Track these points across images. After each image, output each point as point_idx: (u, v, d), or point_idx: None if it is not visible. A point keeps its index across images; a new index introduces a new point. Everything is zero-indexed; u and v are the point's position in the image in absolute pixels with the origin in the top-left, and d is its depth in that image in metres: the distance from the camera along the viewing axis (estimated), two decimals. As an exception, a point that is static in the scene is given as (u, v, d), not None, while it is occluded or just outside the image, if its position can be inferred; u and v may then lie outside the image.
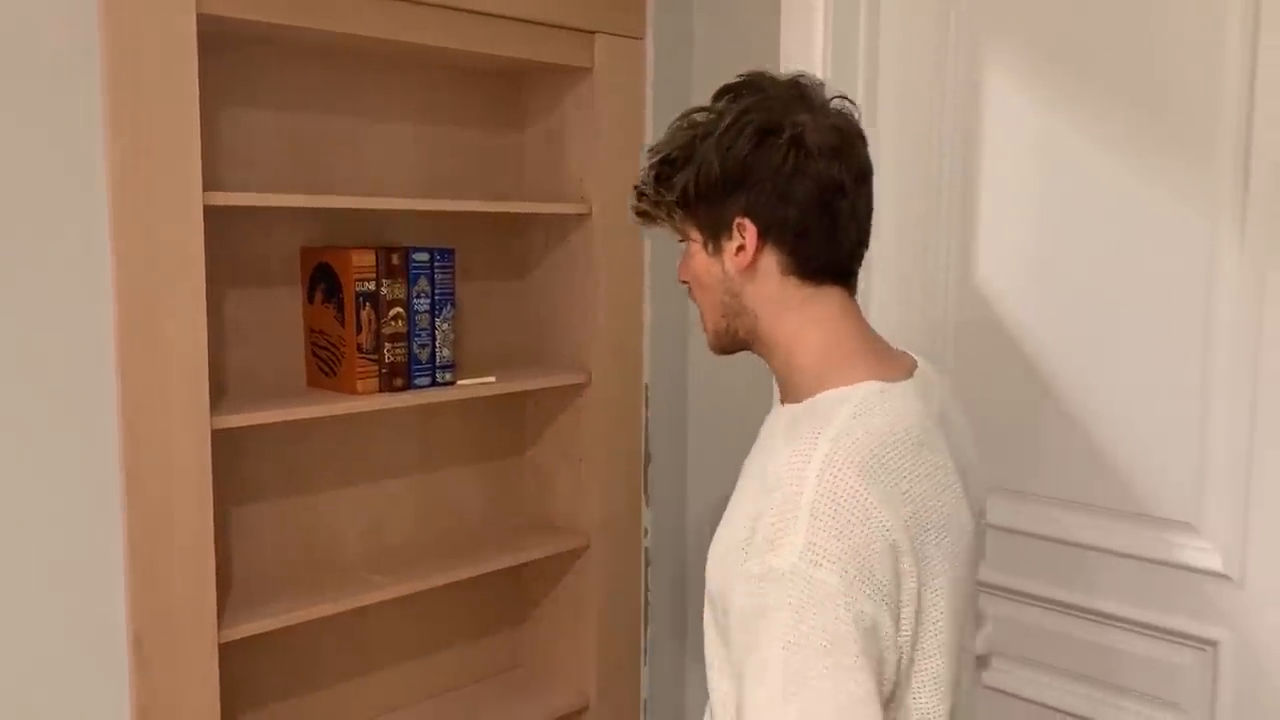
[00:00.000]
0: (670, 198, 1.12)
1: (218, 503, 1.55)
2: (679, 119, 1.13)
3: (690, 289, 1.18)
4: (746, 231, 1.09)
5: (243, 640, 1.60)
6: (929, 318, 1.88)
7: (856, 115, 1.14)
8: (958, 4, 1.83)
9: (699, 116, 1.12)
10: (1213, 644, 1.61)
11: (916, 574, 0.98)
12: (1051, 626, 1.77)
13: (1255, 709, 1.57)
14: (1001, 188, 1.80)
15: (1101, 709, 1.73)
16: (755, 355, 1.18)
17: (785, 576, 0.93)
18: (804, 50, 1.88)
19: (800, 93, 1.11)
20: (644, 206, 1.16)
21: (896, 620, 0.97)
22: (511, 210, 1.93)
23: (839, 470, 0.96)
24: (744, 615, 0.96)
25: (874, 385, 1.06)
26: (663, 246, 2.13)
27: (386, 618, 1.96)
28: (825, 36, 1.89)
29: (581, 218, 1.99)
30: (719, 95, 1.13)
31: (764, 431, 1.14)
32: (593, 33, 1.93)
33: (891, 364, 1.12)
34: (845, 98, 1.13)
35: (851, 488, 0.95)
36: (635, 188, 1.16)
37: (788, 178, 1.07)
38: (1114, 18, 1.65)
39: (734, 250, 1.10)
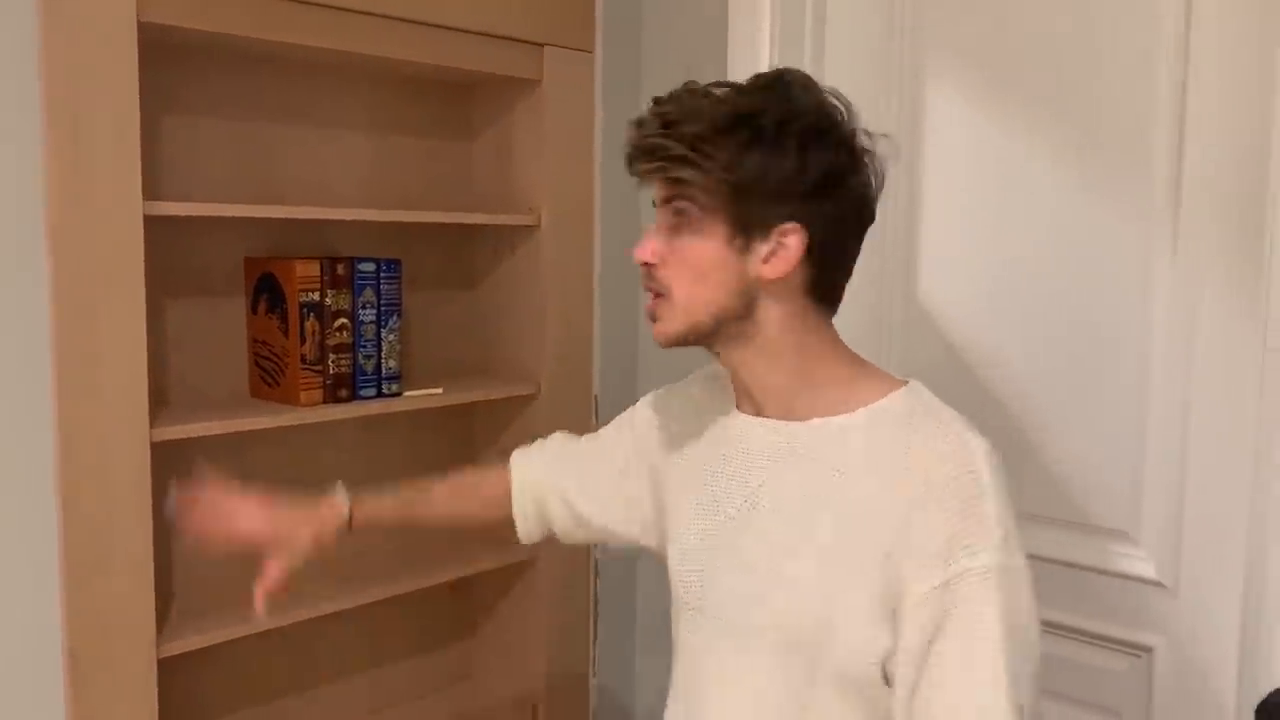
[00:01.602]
0: (732, 175, 0.98)
1: (157, 515, 1.53)
2: (705, 90, 1.01)
3: (658, 270, 1.04)
4: (792, 240, 1.00)
5: (183, 655, 1.58)
6: (875, 330, 1.90)
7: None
8: (902, 23, 1.86)
9: (736, 92, 1.01)
10: (1148, 650, 1.64)
11: None
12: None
13: (1189, 713, 1.60)
14: (944, 202, 1.83)
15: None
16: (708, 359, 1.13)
17: (991, 573, 0.93)
18: (751, 67, 1.90)
19: (848, 108, 1.05)
20: (680, 170, 0.99)
21: None
22: (460, 221, 1.93)
23: (994, 458, 0.99)
24: (922, 632, 0.95)
25: (917, 383, 1.08)
26: (613, 256, 2.14)
27: (333, 631, 1.94)
28: (771, 53, 1.91)
29: (530, 229, 1.99)
30: (769, 87, 1.02)
31: (766, 448, 1.08)
32: (542, 45, 1.94)
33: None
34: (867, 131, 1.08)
35: (1003, 472, 0.99)
36: (659, 146, 0.99)
37: (858, 204, 1.03)
38: (1053, 36, 1.68)
39: (765, 255, 1.01)
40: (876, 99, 1.88)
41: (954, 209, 1.82)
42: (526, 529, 1.38)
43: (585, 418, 2.09)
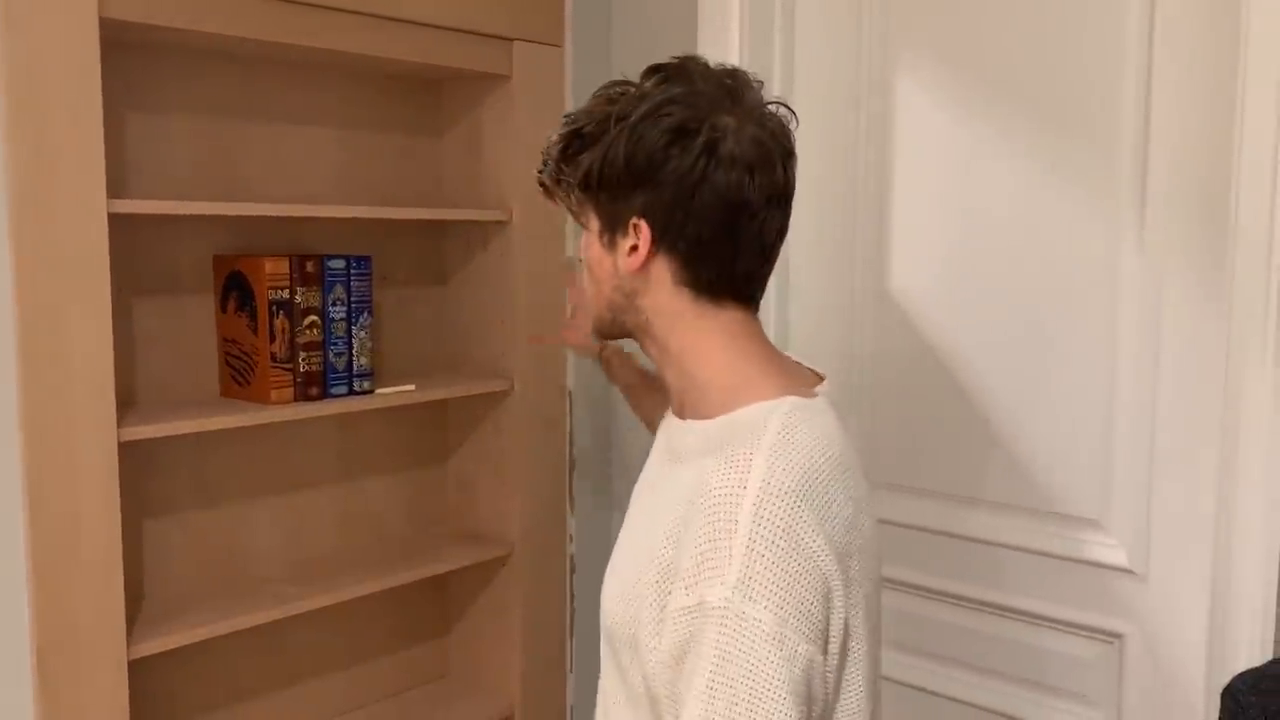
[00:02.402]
0: (572, 178, 1.03)
1: (129, 516, 1.52)
2: (603, 88, 1.04)
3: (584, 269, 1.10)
4: (640, 233, 1.00)
5: (155, 657, 1.57)
6: (846, 324, 1.91)
7: (791, 125, 1.04)
8: (871, 20, 1.87)
9: (618, 91, 1.02)
10: (1118, 637, 1.66)
11: (845, 605, 0.93)
12: (961, 622, 1.81)
13: (1158, 698, 1.62)
14: (914, 197, 1.84)
15: (1010, 702, 1.77)
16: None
17: (716, 611, 0.86)
18: (720, 61, 1.90)
19: (731, 92, 1.00)
20: (544, 179, 1.07)
21: (825, 655, 0.92)
22: (430, 217, 1.92)
23: (776, 496, 0.90)
24: (669, 652, 0.91)
25: (794, 400, 0.99)
26: (584, 253, 2.14)
27: (307, 630, 1.94)
28: (742, 47, 1.92)
29: (501, 224, 1.98)
30: (648, 74, 1.03)
31: (664, 448, 1.09)
32: (511, 40, 1.93)
33: (800, 379, 1.06)
34: (783, 103, 1.04)
35: (788, 516, 0.90)
36: (541, 154, 1.07)
37: (693, 186, 0.97)
38: (1020, 32, 1.69)
39: (627, 249, 1.02)
40: (846, 94, 1.89)
41: (923, 202, 1.83)
42: None
43: (559, 414, 2.09)
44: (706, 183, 0.97)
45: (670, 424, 1.09)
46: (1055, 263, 1.69)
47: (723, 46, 1.91)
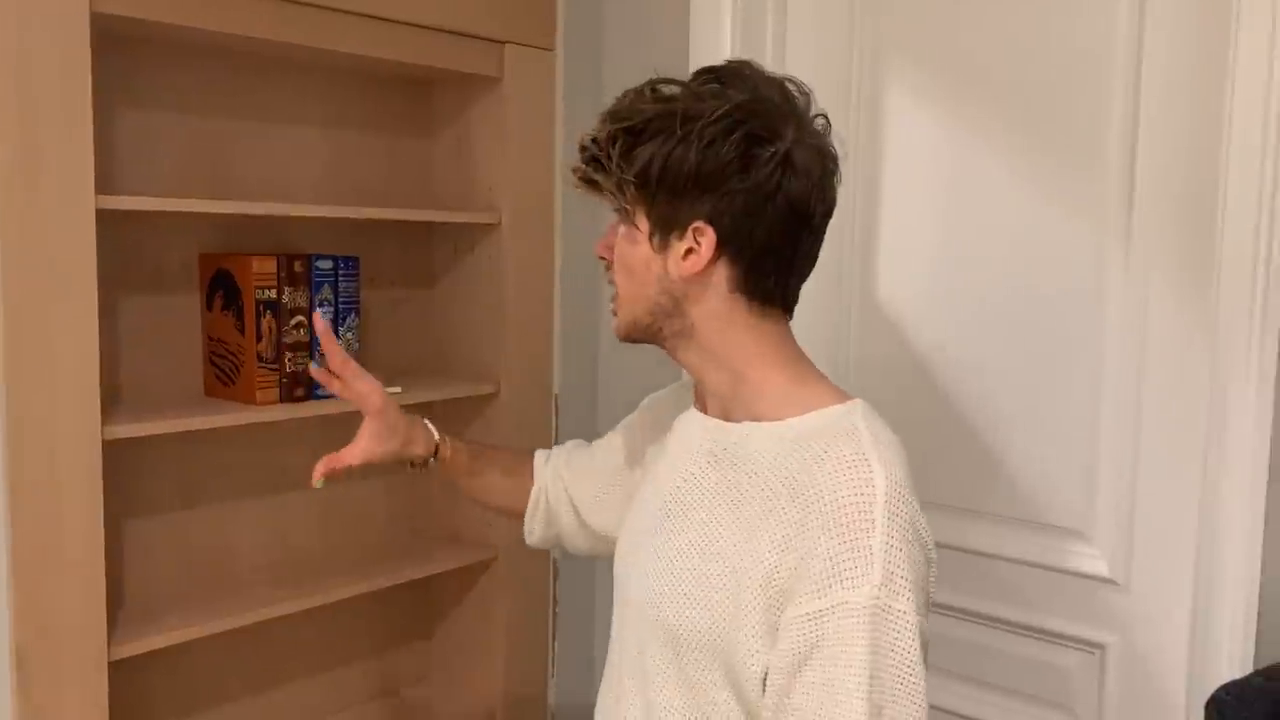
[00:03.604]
0: (629, 173, 1.01)
1: (111, 516, 1.50)
2: (643, 87, 1.02)
3: (611, 268, 1.09)
4: (704, 238, 1.01)
5: (136, 658, 1.55)
6: (833, 330, 1.92)
7: (836, 140, 1.06)
8: (861, 31, 1.88)
9: (670, 90, 1.01)
10: (1100, 647, 1.67)
11: (935, 579, 1.00)
12: (946, 631, 1.81)
13: (1140, 708, 1.63)
14: (902, 203, 1.85)
15: (993, 712, 1.77)
16: (669, 360, 1.12)
17: (864, 610, 0.90)
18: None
19: (791, 103, 1.03)
20: (593, 173, 1.04)
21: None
22: (419, 218, 1.92)
23: (900, 494, 0.94)
24: (790, 659, 0.92)
25: (861, 402, 1.03)
26: (573, 255, 2.14)
27: (290, 632, 1.92)
28: (733, 54, 1.92)
29: (490, 227, 1.98)
30: (699, 76, 1.03)
31: (701, 450, 1.08)
32: (503, 43, 1.93)
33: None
34: (825, 116, 1.06)
35: (910, 510, 0.95)
36: (585, 148, 1.04)
37: (766, 196, 0.99)
38: (1009, 40, 1.70)
39: (683, 252, 1.02)
40: (836, 102, 1.89)
41: (912, 210, 1.84)
42: (531, 528, 1.41)
43: (545, 418, 2.09)
44: (780, 193, 0.99)
45: (709, 426, 1.09)
46: (1042, 273, 1.70)
47: (714, 54, 1.91)
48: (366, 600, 1.93)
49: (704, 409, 1.12)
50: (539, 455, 1.43)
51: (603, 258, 1.10)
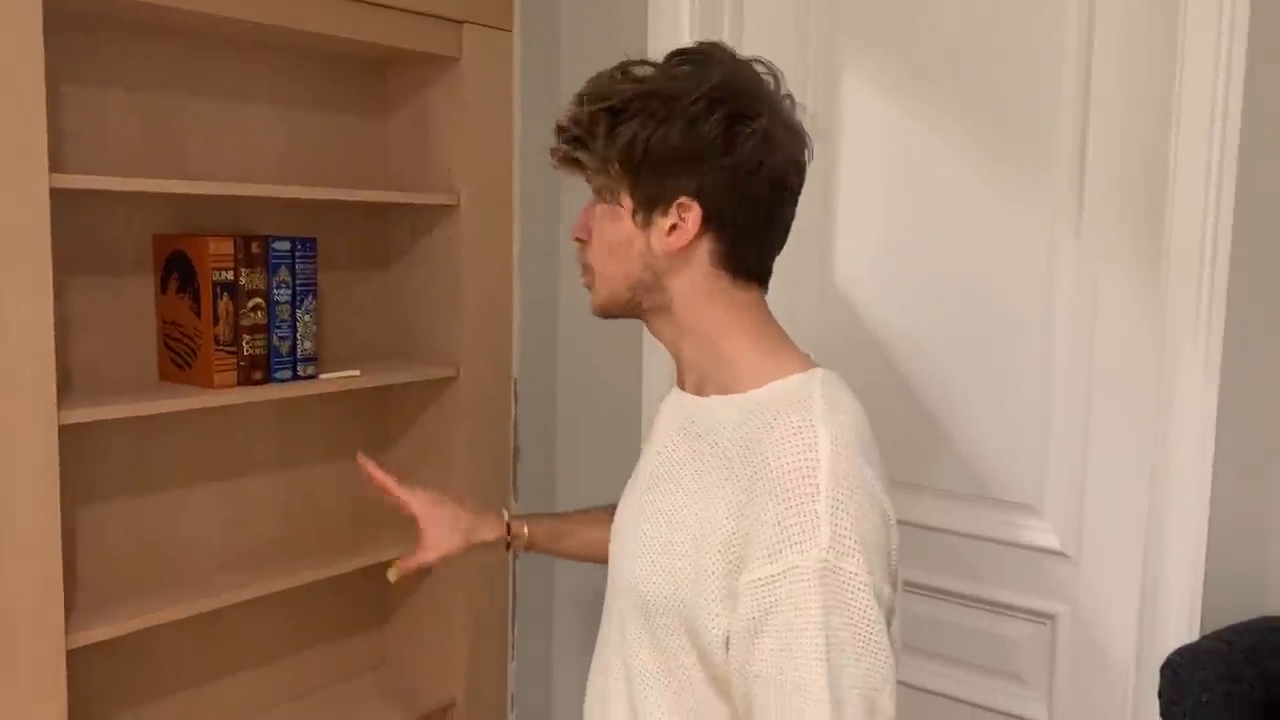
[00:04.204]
0: (613, 151, 1.03)
1: (65, 502, 1.47)
2: (616, 70, 1.05)
3: (585, 248, 1.10)
4: (689, 214, 1.03)
5: (92, 646, 1.53)
6: (790, 313, 1.94)
7: (807, 118, 1.09)
8: (817, 15, 1.90)
9: (644, 71, 1.04)
10: (1051, 617, 1.72)
11: (898, 548, 1.01)
12: (900, 606, 1.86)
13: (1089, 676, 1.69)
14: (858, 188, 1.88)
15: (946, 683, 1.82)
16: (643, 340, 1.16)
17: (812, 572, 0.91)
18: (671, 47, 1.91)
19: (763, 83, 1.06)
20: (575, 152, 1.06)
21: (894, 591, 1.00)
22: (379, 199, 1.90)
23: (845, 457, 0.95)
24: (747, 623, 0.94)
25: (824, 371, 1.06)
26: (532, 237, 2.13)
27: (246, 619, 1.90)
28: (691, 37, 1.93)
29: (448, 209, 1.97)
30: (673, 58, 1.05)
31: (678, 426, 1.10)
32: (460, 22, 1.91)
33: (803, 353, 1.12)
34: (792, 97, 1.08)
35: (859, 471, 0.96)
36: (564, 128, 1.06)
37: (748, 172, 1.02)
38: (963, 32, 1.74)
39: (667, 229, 1.04)
40: (793, 86, 1.90)
41: (868, 195, 1.87)
42: None
43: (505, 401, 2.09)
44: (763, 168, 1.03)
45: (684, 401, 1.11)
46: (995, 256, 1.74)
47: (672, 37, 1.92)
48: (324, 586, 1.91)
49: (682, 386, 1.14)
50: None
51: (580, 239, 1.11)
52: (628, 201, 1.05)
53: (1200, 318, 1.47)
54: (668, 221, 1.04)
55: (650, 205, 1.04)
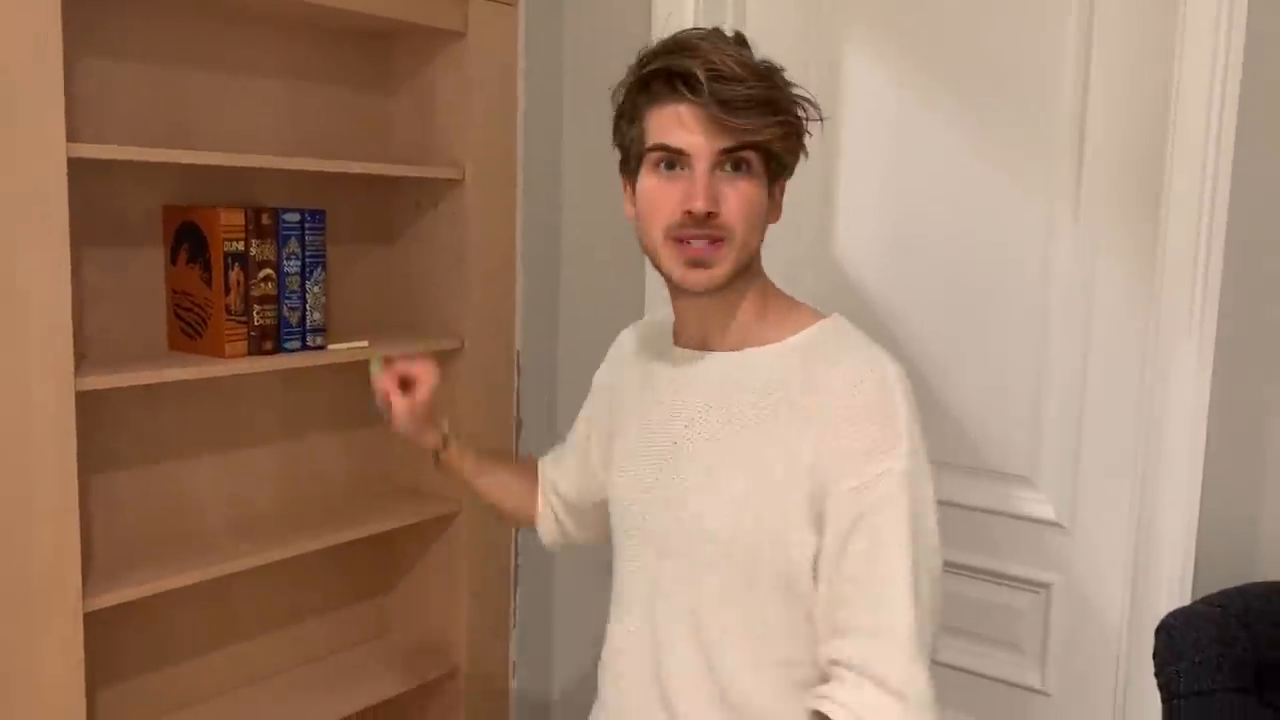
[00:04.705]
0: (788, 125, 1.11)
1: (79, 470, 1.49)
2: (757, 60, 1.11)
3: (719, 218, 1.08)
4: (784, 181, 1.16)
5: (103, 611, 1.55)
6: (789, 285, 1.96)
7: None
8: (823, -13, 1.92)
9: (742, 49, 1.11)
10: (1046, 587, 1.76)
11: None
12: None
13: (1082, 642, 1.73)
14: (859, 161, 1.90)
15: (942, 651, 1.86)
16: (645, 313, 1.22)
17: (900, 475, 1.04)
18: (676, 22, 1.93)
19: None
20: (788, 122, 1.11)
21: None
22: (385, 173, 1.91)
23: (903, 381, 1.08)
24: (843, 528, 1.04)
25: (839, 316, 1.18)
26: (536, 212, 2.15)
27: (254, 586, 1.93)
28: (696, 13, 1.94)
29: (453, 183, 1.98)
30: (736, 37, 1.13)
31: (722, 378, 1.15)
32: (466, -4, 1.92)
33: None
34: None
35: (911, 391, 1.09)
36: (766, 87, 1.08)
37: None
38: (963, 12, 1.76)
39: (778, 194, 1.16)
40: (796, 61, 1.93)
41: (868, 168, 1.90)
42: (546, 528, 1.48)
43: (507, 373, 2.11)
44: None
45: (716, 359, 1.17)
46: (993, 231, 1.77)
47: (676, 12, 1.94)
48: (328, 554, 1.94)
49: (695, 345, 1.19)
50: (543, 460, 1.51)
51: (711, 213, 1.08)
52: (764, 172, 1.11)
53: (1195, 290, 1.51)
54: (778, 188, 1.15)
55: (778, 171, 1.13)
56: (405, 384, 1.36)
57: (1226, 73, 1.45)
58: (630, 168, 1.16)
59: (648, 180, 1.12)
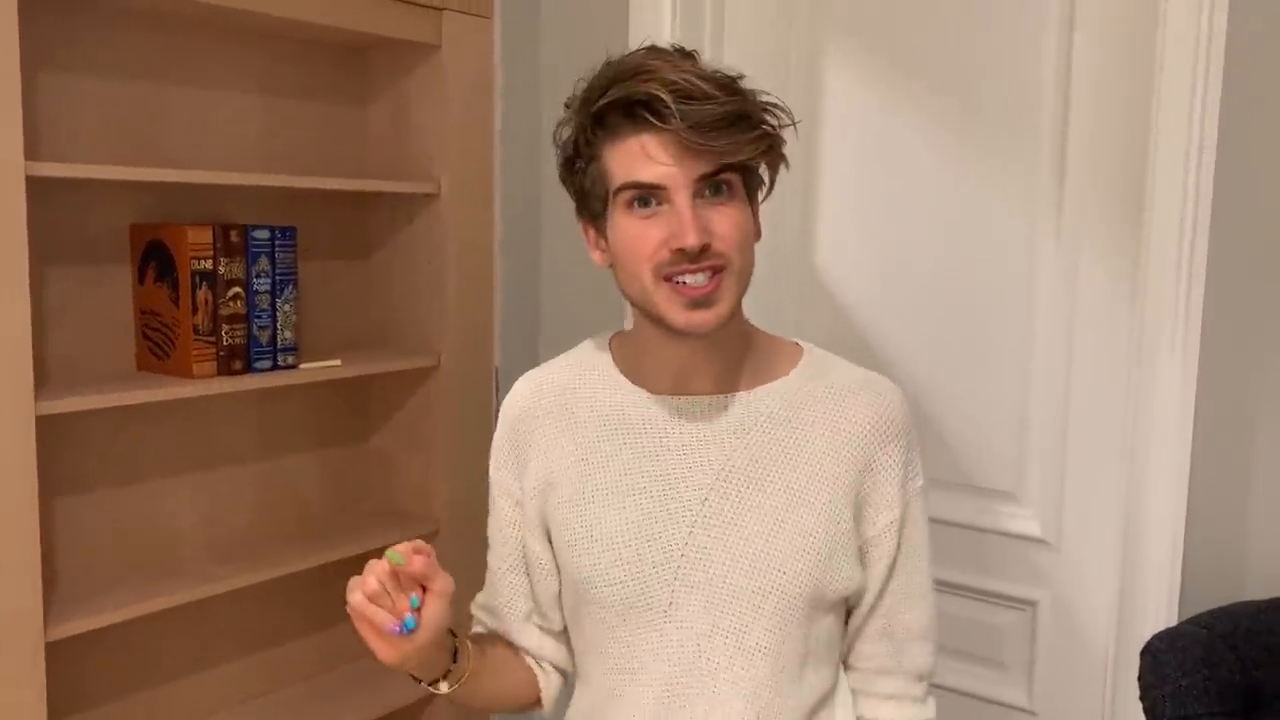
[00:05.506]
0: (780, 136, 1.03)
1: (42, 494, 1.46)
2: (713, 71, 1.00)
3: (715, 246, 0.98)
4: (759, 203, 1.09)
5: (70, 639, 1.51)
6: (772, 304, 1.94)
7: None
8: (800, 3, 1.89)
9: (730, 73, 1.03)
10: (1032, 604, 1.74)
11: None
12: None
13: (1069, 661, 1.70)
14: (839, 180, 1.88)
15: (933, 669, 1.83)
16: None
17: (923, 493, 1.13)
18: (651, 37, 1.90)
19: None
20: (773, 139, 1.01)
21: None
22: (357, 188, 1.88)
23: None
24: (886, 557, 1.10)
25: (806, 343, 1.18)
26: (514, 226, 2.12)
27: (227, 611, 1.89)
28: (673, 26, 1.92)
29: (429, 197, 1.95)
30: (688, 55, 1.04)
31: (737, 423, 1.07)
32: (440, 9, 1.89)
33: None
34: None
35: None
36: (749, 105, 0.99)
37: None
38: (944, 26, 1.74)
39: (757, 210, 1.07)
40: (775, 74, 1.91)
41: (849, 187, 1.87)
42: (551, 683, 1.27)
43: (486, 391, 2.08)
44: None
45: (718, 402, 1.08)
46: (975, 245, 1.74)
47: (654, 25, 1.92)
48: (304, 577, 1.90)
49: (674, 390, 1.08)
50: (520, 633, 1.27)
51: (708, 245, 0.98)
52: (744, 192, 1.03)
53: (1178, 307, 1.49)
54: (755, 209, 1.07)
55: (752, 197, 1.06)
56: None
57: (1207, 88, 1.44)
58: (593, 211, 1.05)
59: (622, 223, 1.01)
